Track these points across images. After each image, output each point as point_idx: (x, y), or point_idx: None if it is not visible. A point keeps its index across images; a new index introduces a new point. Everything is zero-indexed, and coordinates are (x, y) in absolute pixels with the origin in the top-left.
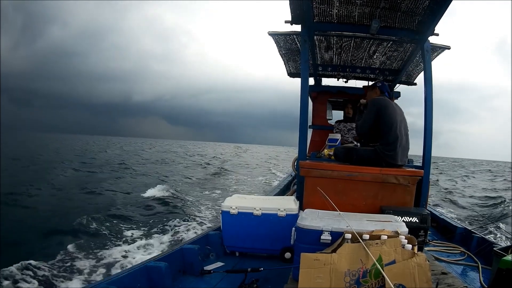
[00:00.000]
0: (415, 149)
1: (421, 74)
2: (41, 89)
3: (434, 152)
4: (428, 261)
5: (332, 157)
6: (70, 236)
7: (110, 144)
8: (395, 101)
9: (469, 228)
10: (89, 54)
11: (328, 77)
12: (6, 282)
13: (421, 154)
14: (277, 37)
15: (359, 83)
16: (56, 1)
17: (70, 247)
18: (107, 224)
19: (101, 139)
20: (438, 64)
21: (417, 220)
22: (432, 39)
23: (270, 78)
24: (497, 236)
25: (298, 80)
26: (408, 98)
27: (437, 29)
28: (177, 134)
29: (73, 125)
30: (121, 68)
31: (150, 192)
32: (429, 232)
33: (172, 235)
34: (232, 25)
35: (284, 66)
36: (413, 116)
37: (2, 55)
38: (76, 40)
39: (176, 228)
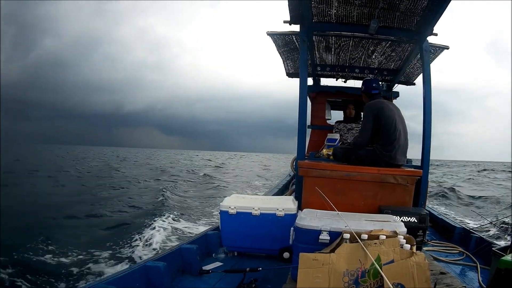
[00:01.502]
0: (411, 152)
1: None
2: (35, 100)
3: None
4: (427, 260)
5: (331, 157)
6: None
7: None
8: (394, 101)
9: (468, 228)
10: (82, 64)
11: (326, 77)
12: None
13: (413, 157)
14: (276, 37)
15: (358, 83)
16: (48, 12)
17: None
18: None
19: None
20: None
21: (415, 220)
22: (431, 39)
23: (263, 85)
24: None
25: (293, 85)
26: (404, 100)
27: (436, 29)
28: (173, 144)
29: (70, 136)
30: (113, 78)
31: None
32: (427, 232)
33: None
34: (226, 30)
35: (283, 66)
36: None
37: None
38: (69, 51)
39: None
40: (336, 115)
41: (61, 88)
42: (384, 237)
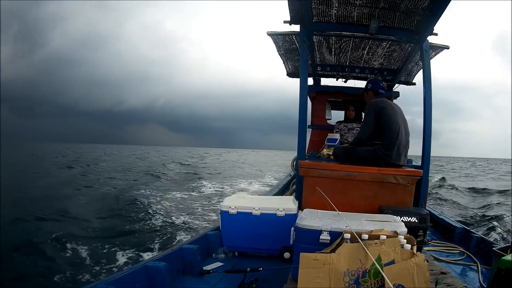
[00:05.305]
0: (415, 149)
1: (420, 74)
2: (41, 97)
3: (435, 152)
4: (427, 261)
5: (331, 157)
6: None
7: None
8: (394, 101)
9: (468, 228)
10: (88, 61)
11: (327, 77)
12: None
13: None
14: (276, 37)
15: (358, 83)
16: (52, 11)
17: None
18: None
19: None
20: (439, 64)
21: (416, 220)
22: (431, 39)
23: (270, 81)
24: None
25: (298, 81)
26: (408, 97)
27: (436, 29)
28: (180, 141)
29: (79, 134)
30: (119, 74)
31: None
32: (428, 232)
33: None
34: (232, 28)
35: (284, 66)
36: (412, 114)
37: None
38: (75, 48)
39: None
40: (336, 115)
41: (67, 85)
42: (384, 237)
